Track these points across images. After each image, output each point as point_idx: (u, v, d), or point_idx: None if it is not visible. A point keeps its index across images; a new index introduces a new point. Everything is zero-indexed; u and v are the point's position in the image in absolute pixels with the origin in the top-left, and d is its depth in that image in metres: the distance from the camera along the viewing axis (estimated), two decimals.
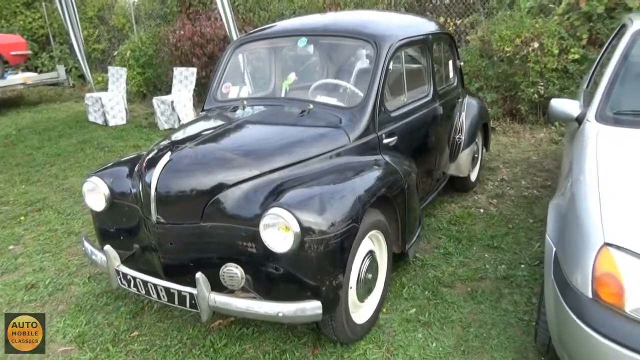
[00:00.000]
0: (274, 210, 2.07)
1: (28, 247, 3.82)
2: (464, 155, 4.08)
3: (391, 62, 2.89)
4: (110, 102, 7.63)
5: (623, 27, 3.42)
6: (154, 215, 2.26)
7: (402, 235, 2.79)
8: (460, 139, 4.04)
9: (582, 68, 5.69)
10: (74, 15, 8.12)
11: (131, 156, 2.88)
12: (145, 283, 2.31)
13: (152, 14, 10.73)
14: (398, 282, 3.04)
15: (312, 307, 2.08)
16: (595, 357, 1.74)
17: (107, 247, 2.43)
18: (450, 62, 4.03)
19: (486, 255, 3.35)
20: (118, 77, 7.88)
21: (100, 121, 7.82)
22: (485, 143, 4.74)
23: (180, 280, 2.31)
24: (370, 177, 2.47)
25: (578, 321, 1.77)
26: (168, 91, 9.10)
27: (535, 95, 5.95)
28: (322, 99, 2.96)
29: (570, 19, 5.86)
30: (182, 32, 8.28)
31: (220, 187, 2.24)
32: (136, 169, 2.57)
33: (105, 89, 9.27)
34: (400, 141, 3.00)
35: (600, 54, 3.68)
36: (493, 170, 4.99)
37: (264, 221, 2.09)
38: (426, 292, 2.94)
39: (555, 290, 1.96)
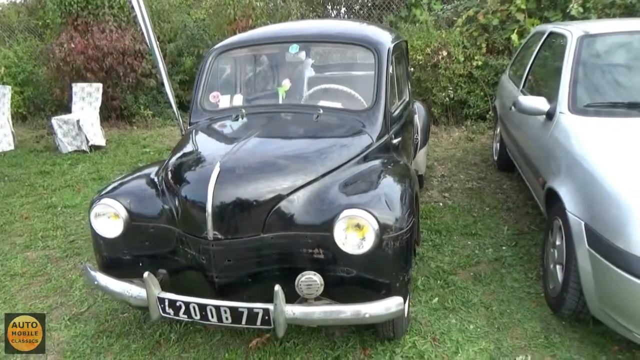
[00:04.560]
0: (350, 211, 2.06)
1: None
2: (421, 154, 4.38)
3: (389, 66, 3.03)
4: None
5: (552, 35, 3.99)
6: (210, 232, 2.08)
7: (417, 229, 2.93)
8: (417, 139, 4.32)
9: (484, 73, 6.43)
10: None
11: (139, 173, 2.60)
12: (203, 307, 2.11)
13: (19, 26, 9.58)
14: None
15: (396, 304, 2.10)
16: None
17: (147, 274, 2.16)
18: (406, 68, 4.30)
19: (469, 242, 3.63)
20: (0, 96, 6.86)
21: None
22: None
23: (234, 298, 2.16)
24: (405, 176, 2.55)
25: (631, 277, 2.06)
26: (55, 111, 8.22)
27: (447, 99, 6.57)
28: (324, 103, 2.98)
29: (469, 30, 6.60)
30: (72, 46, 7.53)
31: (280, 195, 2.15)
32: (163, 186, 2.35)
33: None
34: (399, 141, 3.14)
35: (532, 59, 4.21)
36: (430, 167, 5.39)
37: (339, 224, 2.05)
38: (438, 282, 3.10)
39: (594, 257, 2.25)
